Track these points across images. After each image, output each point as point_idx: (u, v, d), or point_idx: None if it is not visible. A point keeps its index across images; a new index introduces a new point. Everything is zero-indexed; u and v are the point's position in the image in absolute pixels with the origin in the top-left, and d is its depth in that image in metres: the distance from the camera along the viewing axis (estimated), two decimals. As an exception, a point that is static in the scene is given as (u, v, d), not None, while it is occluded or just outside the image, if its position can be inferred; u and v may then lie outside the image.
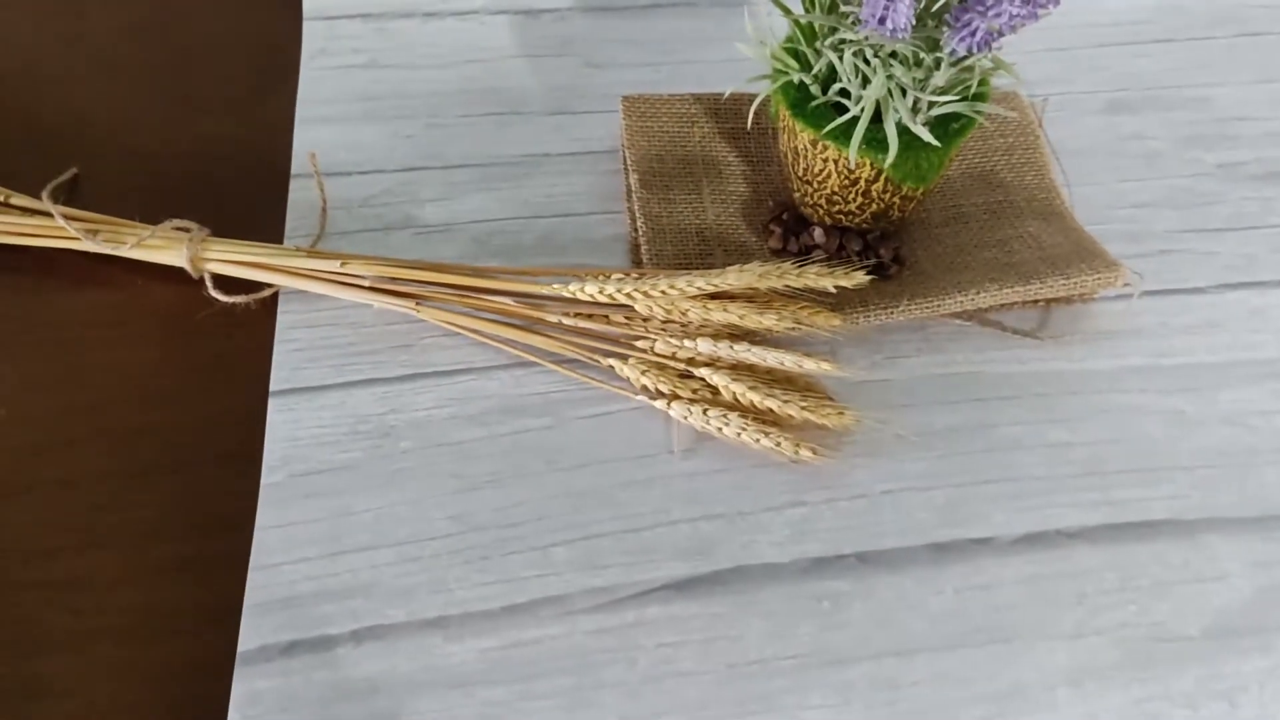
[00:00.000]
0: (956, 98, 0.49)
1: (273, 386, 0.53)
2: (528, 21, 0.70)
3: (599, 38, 0.70)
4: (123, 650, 0.45)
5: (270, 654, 0.45)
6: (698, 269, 0.54)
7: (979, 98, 0.51)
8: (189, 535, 0.49)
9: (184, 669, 0.45)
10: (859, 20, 0.46)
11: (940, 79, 0.47)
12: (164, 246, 0.55)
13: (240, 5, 0.72)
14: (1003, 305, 0.56)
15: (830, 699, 0.45)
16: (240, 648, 0.45)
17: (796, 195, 0.57)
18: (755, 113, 0.59)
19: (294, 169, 0.61)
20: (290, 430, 0.51)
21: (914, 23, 0.44)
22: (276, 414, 0.52)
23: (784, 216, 0.58)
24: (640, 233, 0.57)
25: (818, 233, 0.56)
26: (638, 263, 0.58)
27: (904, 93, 0.49)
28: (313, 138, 0.63)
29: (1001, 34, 0.45)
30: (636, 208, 0.58)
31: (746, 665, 0.45)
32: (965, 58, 0.47)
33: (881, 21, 0.45)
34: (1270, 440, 0.52)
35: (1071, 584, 0.48)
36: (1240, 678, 0.46)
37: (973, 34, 0.45)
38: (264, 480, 0.50)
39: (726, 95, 0.61)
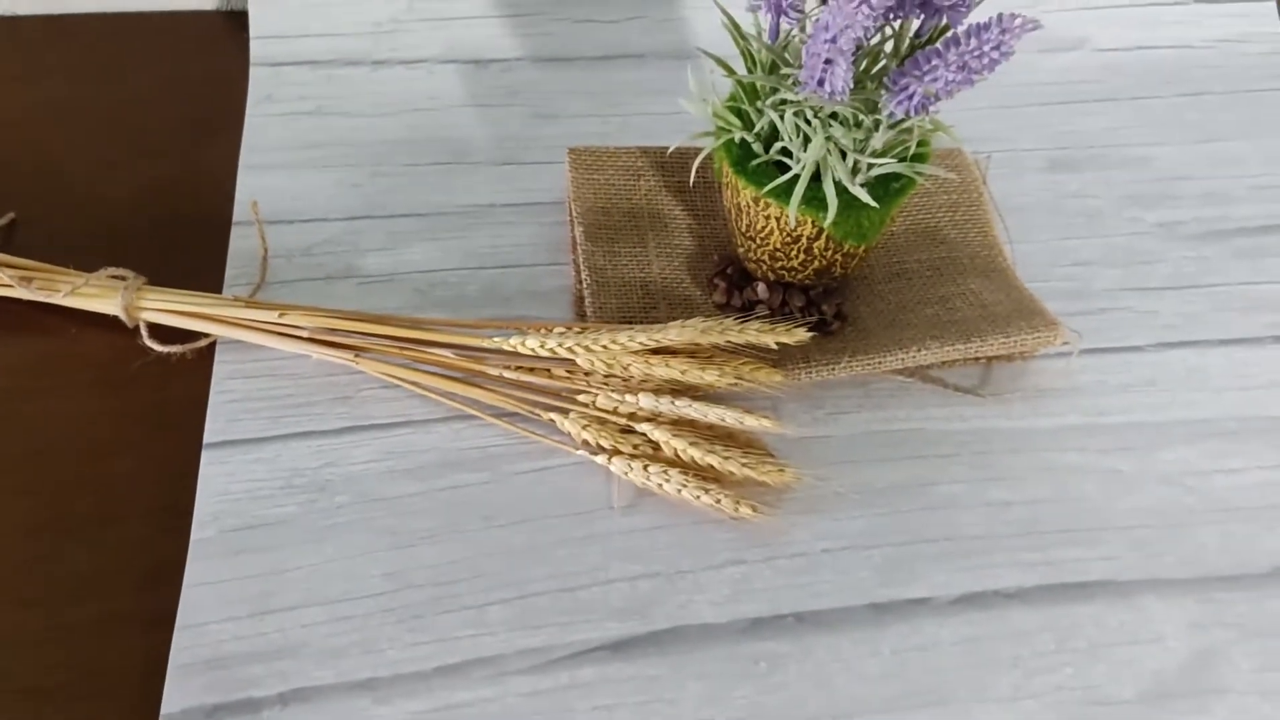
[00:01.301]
0: (894, 159, 0.49)
1: (206, 439, 0.52)
2: (476, 71, 0.70)
3: (548, 89, 0.70)
4: (44, 711, 0.44)
5: (194, 717, 0.44)
6: (642, 322, 0.54)
7: (919, 158, 0.51)
8: (118, 592, 0.47)
9: (104, 733, 0.44)
10: (799, 82, 0.46)
11: (879, 141, 0.48)
12: (99, 295, 0.54)
13: (185, 52, 0.71)
14: (944, 362, 0.56)
15: (765, 764, 0.44)
16: (164, 710, 0.44)
17: (740, 250, 0.57)
18: (700, 167, 0.59)
19: (236, 216, 0.61)
20: (223, 484, 0.50)
21: (852, 85, 0.45)
22: (210, 467, 0.51)
23: (728, 271, 0.58)
24: (585, 285, 0.57)
25: (761, 288, 0.56)
26: (582, 315, 0.57)
27: (843, 154, 0.49)
28: (256, 185, 0.62)
29: (938, 98, 0.45)
30: (581, 260, 0.58)
31: (681, 729, 0.45)
32: (903, 120, 0.47)
33: (820, 84, 0.45)
34: (1207, 500, 0.53)
35: (1008, 645, 0.48)
36: (1175, 741, 0.46)
37: (910, 98, 0.45)
38: (194, 535, 0.49)
39: (671, 150, 0.61)
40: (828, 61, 0.44)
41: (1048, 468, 0.54)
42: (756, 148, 0.52)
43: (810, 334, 0.52)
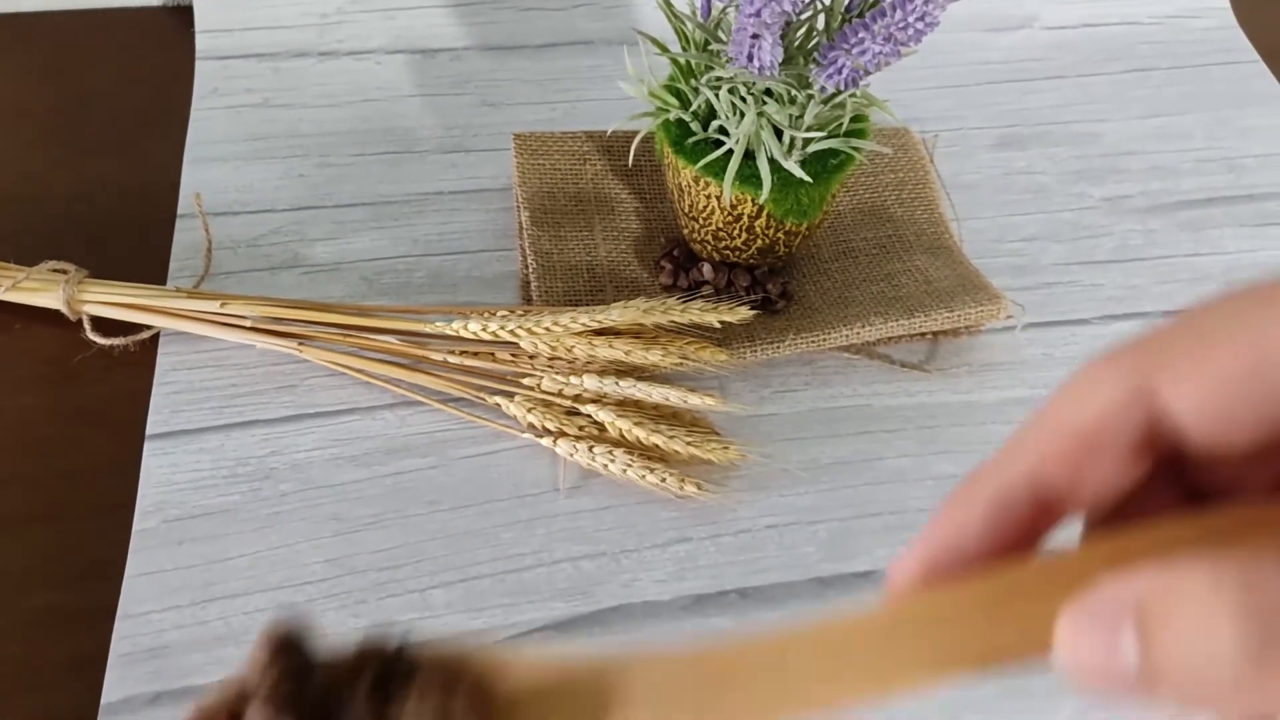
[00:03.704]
0: (826, 135, 0.49)
1: (149, 430, 0.52)
2: (424, 61, 0.70)
3: (496, 76, 0.70)
4: (-20, 705, 0.44)
5: (135, 705, 0.44)
6: (587, 305, 0.54)
7: (859, 134, 0.52)
8: (58, 586, 0.47)
9: (45, 723, 0.44)
10: (731, 58, 0.46)
11: (811, 116, 0.48)
12: (40, 289, 0.54)
13: (130, 48, 0.71)
14: (890, 338, 0.57)
15: (708, 738, 0.44)
16: (104, 699, 0.44)
17: (685, 232, 0.57)
18: (645, 149, 0.59)
19: (180, 209, 0.60)
20: (166, 475, 0.50)
21: (781, 60, 0.45)
22: (152, 458, 0.51)
23: (675, 253, 0.58)
24: (530, 269, 0.57)
25: (706, 268, 0.56)
26: (528, 300, 0.57)
27: (778, 131, 0.49)
28: (202, 178, 0.62)
29: (868, 71, 0.45)
30: (527, 245, 0.58)
31: (624, 706, 0.45)
32: (835, 95, 0.48)
33: (750, 59, 0.45)
34: (1150, 469, 0.53)
35: (952, 616, 0.48)
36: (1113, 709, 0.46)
37: (839, 71, 0.45)
38: (136, 526, 0.48)
39: (610, 131, 0.61)
40: (755, 36, 0.44)
41: (994, 440, 0.53)
42: (695, 126, 0.52)
43: (754, 312, 0.52)
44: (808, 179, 0.49)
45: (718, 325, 0.52)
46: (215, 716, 0.23)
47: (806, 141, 0.50)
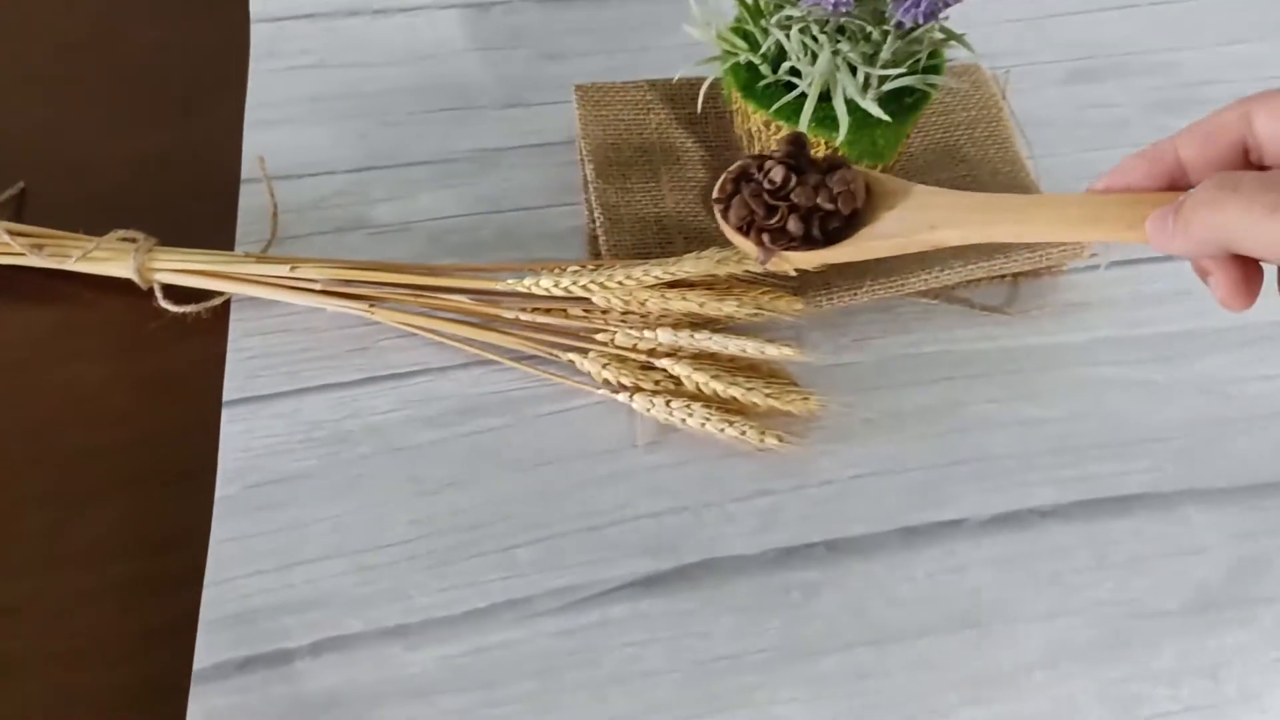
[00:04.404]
0: (905, 71, 0.48)
1: (226, 396, 0.51)
2: (478, 15, 0.69)
3: (552, 28, 0.68)
4: (74, 676, 0.44)
5: (226, 670, 0.44)
6: (657, 258, 0.53)
7: (933, 70, 0.50)
8: (141, 555, 0.47)
9: (138, 692, 0.44)
10: (803, -5, 0.45)
11: (888, 52, 0.46)
12: (111, 258, 0.54)
13: (181, 15, 0.70)
14: (969, 282, 0.55)
15: (802, 692, 0.44)
16: (195, 666, 0.44)
17: (755, 178, 0.56)
18: (711, 96, 0.58)
19: (244, 174, 0.60)
20: (244, 441, 0.50)
21: (858, -5, 0.43)
22: (230, 425, 0.51)
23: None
24: (598, 223, 0.56)
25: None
26: (596, 254, 0.56)
27: (852, 69, 0.47)
28: (262, 141, 0.61)
29: (947, 4, 0.44)
30: (593, 198, 0.57)
31: (715, 662, 0.44)
32: (912, 29, 0.46)
33: (825, -5, 0.43)
34: (1245, 408, 0.51)
35: (1045, 563, 0.47)
36: (1222, 652, 0.45)
37: (917, 5, 0.43)
38: (218, 493, 0.48)
39: (676, 79, 0.60)
40: (831, -30, 0.42)
41: (1081, 382, 0.52)
42: (764, 70, 0.50)
43: (827, 263, 0.50)
44: (887, 118, 0.47)
45: (794, 274, 0.51)
46: (743, 168, 0.44)
47: (883, 79, 0.48)
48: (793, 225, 0.44)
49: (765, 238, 0.44)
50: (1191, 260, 0.36)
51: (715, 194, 0.44)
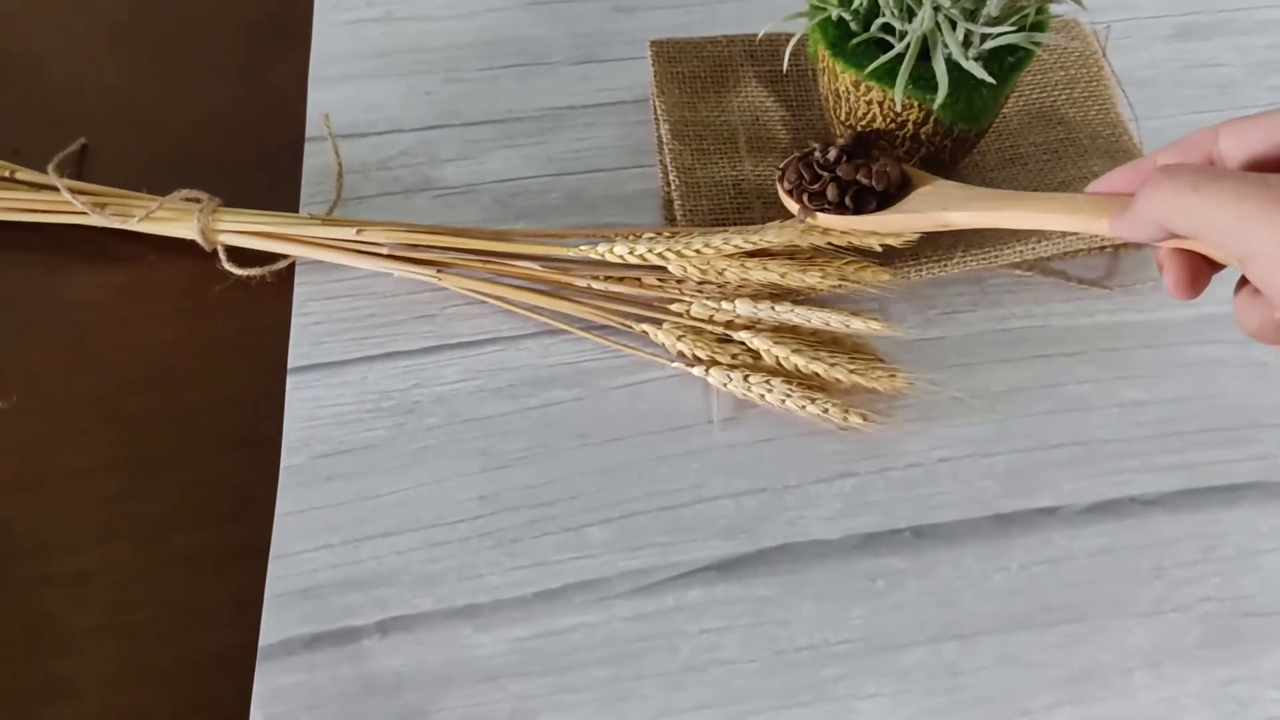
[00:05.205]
0: (1012, 28, 0.44)
1: (291, 363, 0.50)
2: (549, -34, 0.66)
3: (625, -20, 0.66)
4: (140, 647, 0.43)
5: (293, 647, 0.43)
6: (735, 224, 0.51)
7: (1037, 27, 0.47)
8: (206, 525, 0.46)
9: (204, 665, 0.43)
10: (903, -53, 0.42)
11: (993, 8, 0.43)
12: (174, 219, 0.53)
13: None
14: (1066, 253, 0.52)
15: (886, 687, 0.42)
16: (262, 641, 0.43)
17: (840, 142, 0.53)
18: (792, 54, 0.55)
19: (308, 132, 0.58)
20: (310, 410, 0.49)
21: (964, -54, 0.40)
22: (295, 392, 0.49)
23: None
24: (673, 187, 0.54)
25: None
26: (671, 219, 0.54)
27: (953, 25, 0.44)
28: (327, 98, 0.60)
29: (1062, -45, 0.41)
30: (669, 161, 0.55)
31: (795, 652, 0.42)
32: (1022, -17, 0.43)
33: (928, -53, 0.40)
34: (1364, 392, 0.48)
35: (1148, 556, 0.44)
36: (1336, 654, 0.42)
37: (1030, -44, 0.40)
38: (283, 463, 0.47)
39: (761, 35, 0.57)
40: (937, -80, 0.39)
41: (1186, 363, 0.49)
42: (855, 26, 0.47)
43: (916, 236, 0.48)
44: (991, 80, 0.44)
45: (878, 247, 0.48)
46: (803, 152, 0.48)
47: (984, 37, 0.45)
48: (831, 193, 0.46)
49: (806, 198, 0.47)
50: (1155, 253, 0.39)
51: (783, 163, 0.49)
